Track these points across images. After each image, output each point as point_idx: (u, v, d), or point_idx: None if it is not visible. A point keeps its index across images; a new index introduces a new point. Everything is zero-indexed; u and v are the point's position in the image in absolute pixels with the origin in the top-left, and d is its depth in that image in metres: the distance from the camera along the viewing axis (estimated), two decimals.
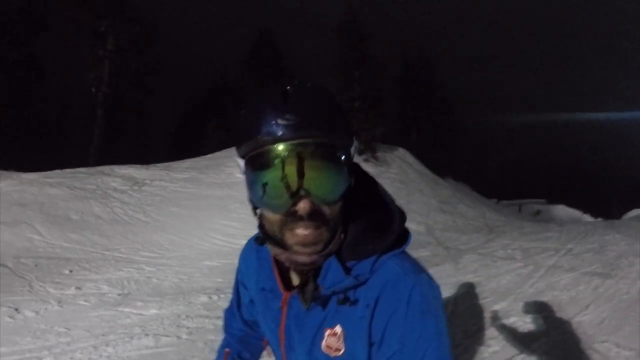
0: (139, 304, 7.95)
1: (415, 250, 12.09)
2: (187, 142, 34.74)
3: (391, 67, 36.15)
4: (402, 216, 1.35)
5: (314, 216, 1.16)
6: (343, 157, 1.19)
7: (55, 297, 8.34)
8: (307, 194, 1.14)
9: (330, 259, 1.25)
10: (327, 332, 1.31)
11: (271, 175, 1.15)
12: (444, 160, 37.39)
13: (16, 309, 7.65)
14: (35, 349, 6.17)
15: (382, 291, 1.25)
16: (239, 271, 1.69)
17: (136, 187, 15.96)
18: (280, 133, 1.11)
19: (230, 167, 18.38)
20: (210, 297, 7.93)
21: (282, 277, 1.41)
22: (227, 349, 1.83)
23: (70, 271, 9.93)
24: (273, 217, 1.21)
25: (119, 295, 8.51)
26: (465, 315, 6.73)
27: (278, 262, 1.39)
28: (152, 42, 30.48)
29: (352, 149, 1.23)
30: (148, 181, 16.80)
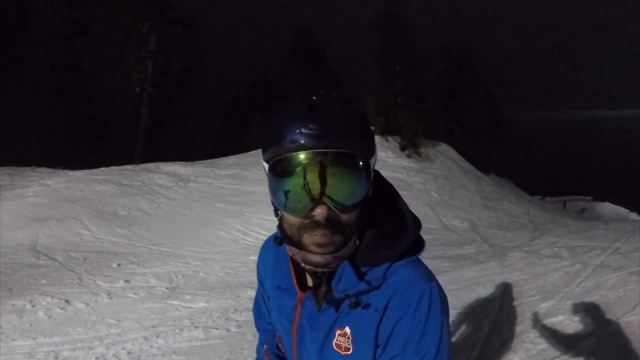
0: (188, 297, 7.99)
1: (460, 247, 11.88)
2: (230, 139, 34.92)
3: (432, 60, 35.70)
4: (416, 225, 1.40)
5: (331, 222, 1.22)
6: (362, 167, 1.23)
7: (105, 289, 8.45)
8: (325, 201, 1.20)
9: (344, 263, 1.30)
10: (338, 332, 1.37)
11: (293, 181, 1.21)
12: (487, 156, 36.74)
13: (67, 301, 7.79)
14: (86, 339, 6.26)
15: (393, 296, 1.31)
16: (257, 269, 1.75)
17: (182, 184, 16.09)
18: (303, 141, 1.17)
19: None
20: None
21: (298, 277, 1.46)
22: (265, 346, 1.93)
23: (119, 265, 10.05)
24: (292, 219, 1.27)
25: (167, 288, 8.57)
26: (512, 313, 6.56)
27: (295, 263, 1.43)
28: (194, 42, 30.79)
29: (373, 160, 1.29)
30: (193, 178, 16.91)
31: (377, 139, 21.67)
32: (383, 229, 1.34)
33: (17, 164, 20.33)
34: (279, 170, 1.23)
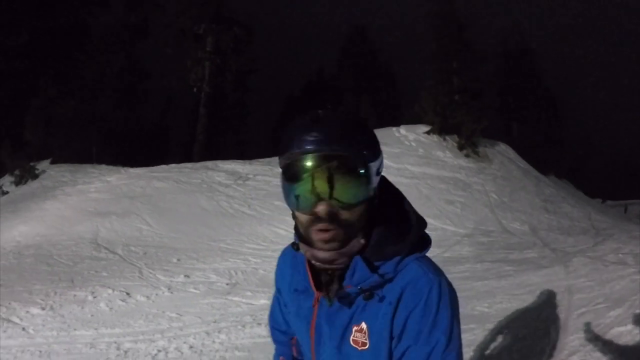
0: (248, 293, 7.84)
1: (521, 251, 11.38)
2: None
3: (490, 57, 34.85)
4: (421, 224, 1.48)
5: (332, 217, 1.30)
6: (362, 170, 1.32)
7: (165, 283, 8.39)
8: (327, 199, 1.29)
9: (356, 258, 1.36)
10: (355, 328, 1.42)
11: (300, 183, 1.32)
12: (546, 156, 35.57)
13: (127, 293, 7.79)
14: (148, 331, 6.20)
15: (405, 289, 1.37)
16: (275, 277, 1.79)
17: (240, 182, 16.10)
18: (307, 147, 1.28)
19: None
20: None
21: (315, 278, 1.49)
22: (281, 357, 1.95)
23: (178, 260, 10.03)
24: (302, 218, 1.36)
25: (227, 284, 8.44)
26: (579, 321, 6.13)
27: (311, 265, 1.47)
28: (249, 42, 30.95)
29: (375, 164, 1.37)
30: (251, 176, 16.92)
31: (435, 138, 21.28)
32: (389, 228, 1.41)
33: (78, 161, 20.86)
34: (289, 175, 1.35)
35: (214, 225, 12.80)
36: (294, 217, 1.42)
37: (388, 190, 1.52)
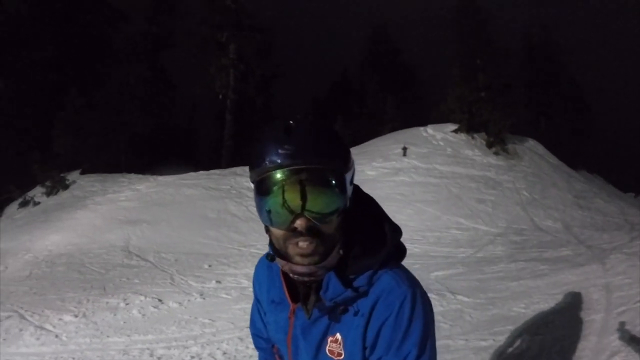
0: None
1: (555, 249, 11.12)
2: None
3: (514, 51, 34.33)
4: (396, 233, 1.47)
5: (311, 231, 1.31)
6: (336, 181, 1.32)
7: (197, 289, 8.34)
8: (304, 213, 1.29)
9: (329, 273, 1.38)
10: (330, 338, 1.45)
11: (274, 198, 1.30)
12: (576, 151, 34.89)
13: (160, 300, 7.75)
14: (180, 337, 6.14)
15: (377, 301, 1.39)
16: (253, 287, 1.80)
17: None
18: (280, 161, 1.27)
19: (360, 164, 18.05)
20: None
21: (290, 290, 1.51)
22: None
23: (210, 266, 9.99)
24: (278, 233, 1.36)
25: None
26: (620, 320, 5.92)
27: (286, 276, 1.49)
28: (272, 47, 31.04)
29: (348, 174, 1.38)
30: None
31: (463, 136, 21.03)
32: (364, 239, 1.42)
33: (107, 171, 21.08)
34: (262, 189, 1.33)
35: (244, 230, 12.79)
36: (267, 231, 1.43)
37: (361, 199, 1.52)
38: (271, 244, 1.45)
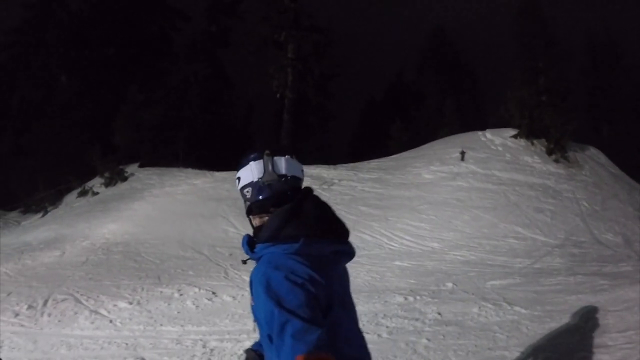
0: None
1: (615, 264, 10.50)
2: (368, 142, 34.58)
3: (576, 53, 33.20)
4: (281, 224, 1.96)
5: None
6: (242, 192, 2.19)
7: None
8: None
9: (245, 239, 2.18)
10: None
11: None
12: (638, 161, 33.34)
13: (214, 293, 7.75)
14: (234, 331, 6.09)
15: (255, 269, 1.97)
16: None
17: (325, 186, 15.96)
18: None
19: (417, 168, 17.73)
20: (406, 298, 7.33)
21: None
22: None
23: None
24: None
25: None
26: None
27: None
28: (330, 47, 30.95)
29: (246, 190, 2.16)
30: (336, 181, 16.77)
31: (522, 142, 20.39)
32: (263, 227, 2.05)
33: (165, 165, 21.42)
34: None
35: None
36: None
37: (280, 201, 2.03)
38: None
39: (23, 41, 31.01)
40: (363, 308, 6.98)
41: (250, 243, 2.10)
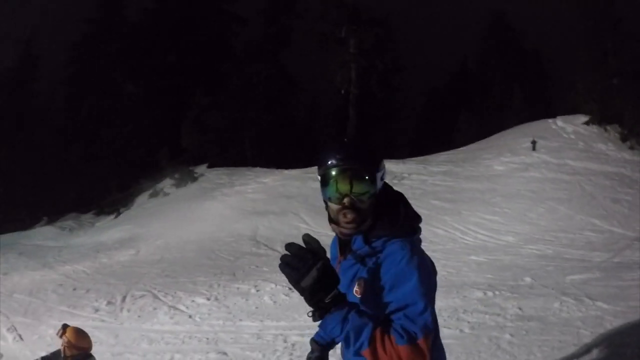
0: None
1: None
2: (433, 134, 34.05)
3: None
4: (411, 220, 2.00)
5: (353, 206, 1.88)
6: (368, 177, 1.90)
7: None
8: (348, 194, 1.87)
9: (359, 235, 1.93)
10: (356, 282, 1.91)
11: (331, 185, 1.90)
12: None
13: (290, 289, 7.61)
14: (314, 326, 5.84)
15: (386, 259, 1.86)
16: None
17: (395, 181, 15.68)
18: (334, 162, 1.90)
19: (487, 159, 17.39)
20: (485, 293, 7.18)
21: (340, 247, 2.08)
22: None
23: None
24: (333, 207, 1.91)
25: None
26: None
27: (339, 240, 2.08)
28: (391, 40, 30.62)
29: (379, 173, 1.95)
30: (406, 175, 16.54)
31: (595, 129, 19.45)
32: (382, 219, 1.94)
33: (233, 165, 21.71)
34: (324, 180, 1.92)
35: None
36: (327, 207, 1.96)
37: (389, 193, 2.03)
38: (329, 216, 1.97)
39: (87, 54, 32.23)
40: (442, 303, 6.81)
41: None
